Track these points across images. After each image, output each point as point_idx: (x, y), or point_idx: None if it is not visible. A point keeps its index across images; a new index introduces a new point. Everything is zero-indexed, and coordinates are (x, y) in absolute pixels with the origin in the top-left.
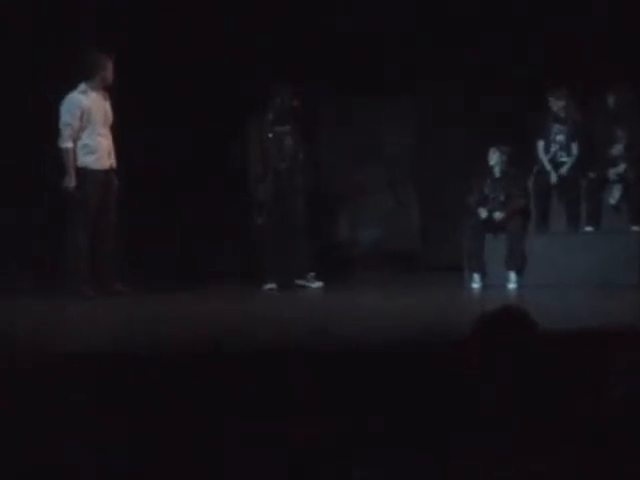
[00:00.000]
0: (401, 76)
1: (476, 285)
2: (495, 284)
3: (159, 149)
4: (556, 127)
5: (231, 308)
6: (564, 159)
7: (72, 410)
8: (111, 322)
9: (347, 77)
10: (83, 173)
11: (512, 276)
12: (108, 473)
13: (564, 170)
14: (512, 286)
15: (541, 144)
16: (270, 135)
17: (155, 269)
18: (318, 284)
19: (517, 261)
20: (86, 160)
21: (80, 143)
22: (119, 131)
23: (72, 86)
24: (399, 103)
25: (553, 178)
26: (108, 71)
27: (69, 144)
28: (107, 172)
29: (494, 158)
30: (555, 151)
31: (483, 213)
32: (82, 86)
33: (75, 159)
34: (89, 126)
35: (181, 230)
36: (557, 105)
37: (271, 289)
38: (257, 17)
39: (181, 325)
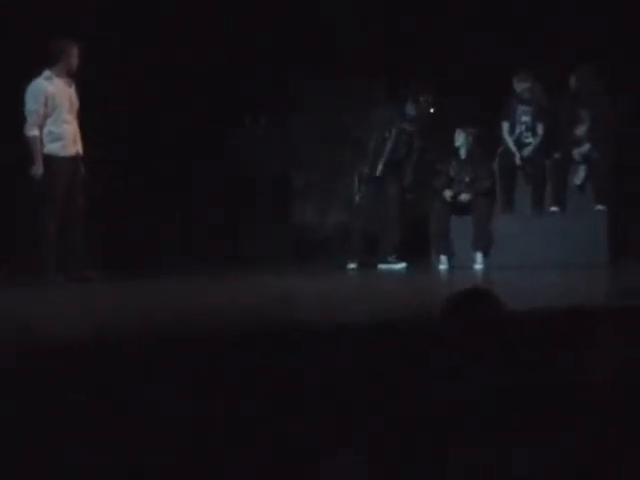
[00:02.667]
0: (370, 60)
1: (443, 267)
2: (462, 265)
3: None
4: (521, 108)
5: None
6: (529, 140)
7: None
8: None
9: (317, 62)
10: (49, 160)
11: (479, 257)
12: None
13: (528, 151)
14: (479, 267)
15: (506, 125)
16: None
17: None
18: (402, 265)
19: (483, 242)
20: (52, 147)
21: (45, 130)
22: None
23: (37, 73)
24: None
25: (517, 159)
26: (73, 57)
27: (35, 132)
28: (73, 159)
29: (460, 139)
30: (520, 132)
31: (448, 195)
32: (46, 72)
33: (42, 146)
34: (54, 113)
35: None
36: (521, 87)
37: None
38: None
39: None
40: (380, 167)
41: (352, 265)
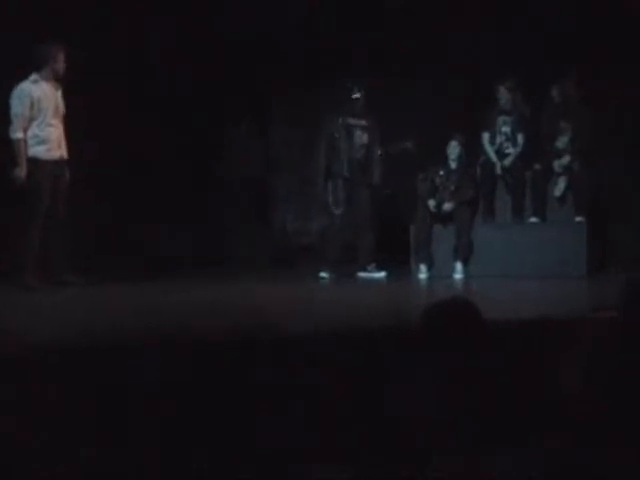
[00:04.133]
0: (354, 72)
1: (423, 276)
2: (442, 274)
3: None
4: (502, 119)
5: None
6: (509, 150)
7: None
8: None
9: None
10: (33, 163)
11: (459, 267)
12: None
13: (508, 161)
14: (458, 276)
15: (486, 135)
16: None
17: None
18: (381, 274)
19: (464, 251)
20: (36, 150)
21: (30, 133)
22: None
23: (24, 76)
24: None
25: (498, 169)
26: (59, 62)
27: (19, 134)
28: (57, 162)
29: (455, 151)
30: (501, 142)
31: (432, 205)
32: (33, 76)
33: (26, 149)
34: (39, 116)
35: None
36: (505, 96)
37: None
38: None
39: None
40: (346, 166)
41: (324, 274)
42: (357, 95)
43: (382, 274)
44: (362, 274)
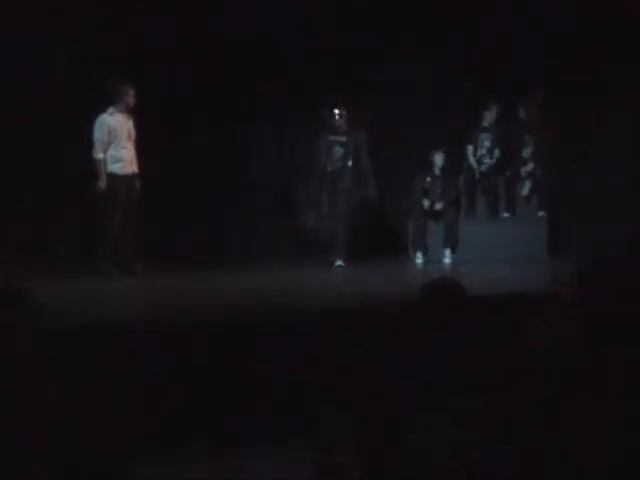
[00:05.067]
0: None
1: (419, 261)
2: (434, 260)
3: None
4: (483, 135)
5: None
6: (487, 161)
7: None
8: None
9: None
10: (111, 177)
11: (447, 253)
12: None
13: (484, 168)
14: (447, 261)
15: (470, 148)
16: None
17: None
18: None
19: (452, 241)
20: (113, 167)
21: (109, 154)
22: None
23: (103, 109)
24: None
25: (477, 174)
26: (130, 97)
27: (100, 155)
28: (130, 176)
29: (439, 160)
30: (481, 154)
31: (426, 203)
32: (110, 109)
33: (105, 167)
34: (115, 140)
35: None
36: (489, 119)
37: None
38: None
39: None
40: (317, 182)
41: (339, 262)
42: (338, 114)
43: (341, 263)
44: (337, 263)
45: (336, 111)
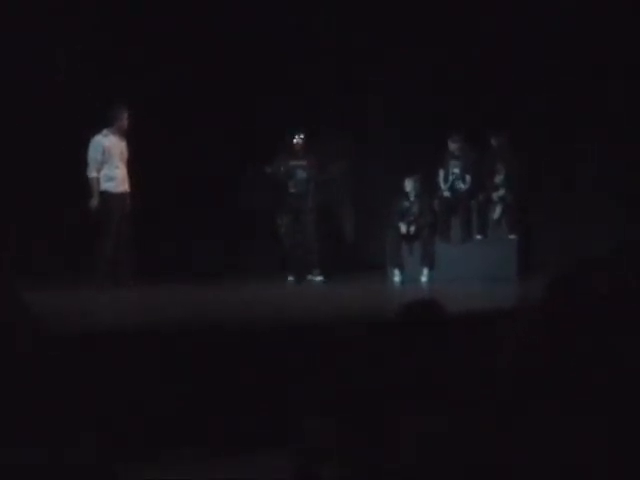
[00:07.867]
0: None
1: (397, 278)
2: (411, 279)
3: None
4: (453, 162)
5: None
6: (459, 186)
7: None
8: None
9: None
10: (105, 195)
11: (425, 271)
12: None
13: (458, 194)
14: (424, 279)
15: (442, 173)
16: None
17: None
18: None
19: (429, 261)
20: (107, 185)
21: (102, 173)
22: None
23: (98, 131)
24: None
25: (451, 200)
26: (123, 120)
27: (94, 174)
28: (122, 194)
29: (409, 185)
30: (452, 180)
31: (403, 227)
32: (104, 131)
33: (99, 185)
34: (109, 160)
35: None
36: (453, 146)
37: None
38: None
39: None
40: (290, 198)
41: (318, 278)
42: (298, 140)
43: (321, 278)
44: (309, 277)
45: (295, 138)
